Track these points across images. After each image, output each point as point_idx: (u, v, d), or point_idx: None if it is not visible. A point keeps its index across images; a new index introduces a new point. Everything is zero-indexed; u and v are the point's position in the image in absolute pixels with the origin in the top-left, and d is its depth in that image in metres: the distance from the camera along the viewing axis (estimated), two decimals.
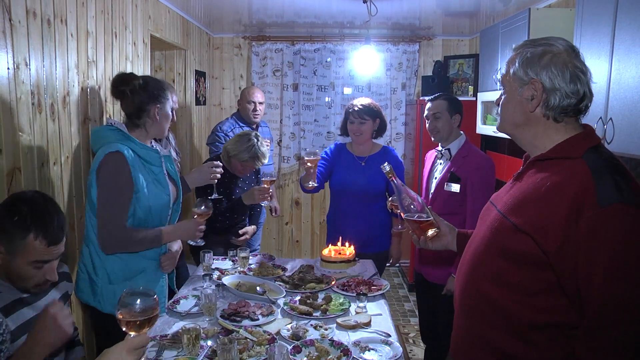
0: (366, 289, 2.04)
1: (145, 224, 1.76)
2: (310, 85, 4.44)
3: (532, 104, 1.09)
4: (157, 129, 1.82)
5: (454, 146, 2.31)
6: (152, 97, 1.77)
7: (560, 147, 1.08)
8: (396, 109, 4.39)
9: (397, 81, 4.37)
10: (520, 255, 1.04)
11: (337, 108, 4.46)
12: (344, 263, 2.34)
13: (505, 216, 1.09)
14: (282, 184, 4.62)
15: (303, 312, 1.81)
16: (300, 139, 4.51)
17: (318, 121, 4.51)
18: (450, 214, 2.17)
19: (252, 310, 1.79)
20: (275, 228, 4.74)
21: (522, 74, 1.09)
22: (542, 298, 1.03)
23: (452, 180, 2.25)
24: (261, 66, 4.40)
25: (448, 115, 2.31)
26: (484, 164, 2.23)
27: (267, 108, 4.44)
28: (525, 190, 1.08)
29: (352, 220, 2.58)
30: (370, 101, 2.56)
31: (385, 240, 2.62)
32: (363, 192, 2.54)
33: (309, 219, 4.73)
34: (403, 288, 4.23)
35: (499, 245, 1.09)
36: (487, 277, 1.11)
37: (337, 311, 1.84)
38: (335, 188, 2.63)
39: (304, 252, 4.72)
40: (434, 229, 1.40)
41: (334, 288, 2.07)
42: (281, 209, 4.68)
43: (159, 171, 1.81)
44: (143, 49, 2.81)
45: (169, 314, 1.82)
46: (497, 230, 1.10)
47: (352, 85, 4.46)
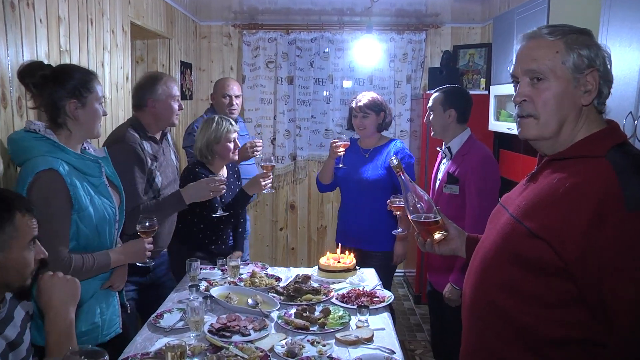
0: (368, 300, 2.04)
1: (93, 243, 1.69)
2: (307, 78, 4.44)
3: (585, 97, 1.07)
4: (85, 130, 1.67)
5: (455, 144, 2.33)
6: (66, 91, 1.62)
7: (580, 145, 1.07)
8: (400, 104, 4.39)
9: (401, 73, 4.38)
10: (535, 263, 1.03)
11: (336, 103, 4.46)
12: (344, 272, 2.34)
13: (519, 220, 1.08)
14: (277, 186, 4.62)
15: (299, 327, 1.80)
16: (296, 137, 4.51)
17: (315, 117, 4.51)
18: (454, 218, 2.15)
19: (243, 325, 1.78)
20: (269, 234, 4.73)
21: (579, 61, 1.06)
22: (561, 311, 1.02)
23: (451, 181, 2.26)
24: (253, 57, 4.40)
25: (441, 110, 2.34)
26: (480, 164, 2.23)
27: (260, 103, 4.44)
28: (541, 192, 1.07)
29: (355, 215, 2.70)
30: (374, 95, 2.71)
31: (392, 239, 2.67)
32: (364, 184, 2.65)
33: (306, 225, 4.72)
34: (409, 300, 4.23)
35: (511, 252, 1.08)
36: (499, 287, 1.11)
37: (336, 325, 1.83)
38: (338, 180, 2.80)
39: (300, 260, 4.71)
40: (442, 232, 1.40)
41: (333, 300, 2.07)
42: (275, 213, 4.69)
43: (99, 182, 1.71)
44: (122, 38, 2.80)
45: (151, 330, 1.82)
46: (509, 236, 1.10)
47: (352, 78, 4.46)
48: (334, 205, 4.62)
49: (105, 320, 1.75)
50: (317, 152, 4.55)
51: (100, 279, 1.75)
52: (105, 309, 1.76)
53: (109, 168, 1.81)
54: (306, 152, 4.55)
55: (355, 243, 2.69)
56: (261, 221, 4.69)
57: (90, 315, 1.71)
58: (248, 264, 2.60)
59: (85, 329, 1.68)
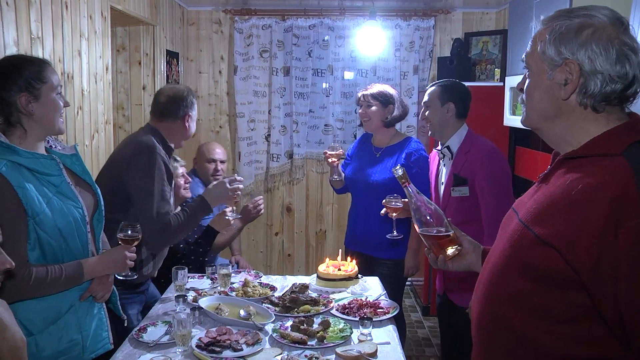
0: (371, 312, 2.04)
1: (61, 251, 1.64)
2: (305, 68, 4.43)
3: (565, 89, 1.08)
4: (42, 125, 1.63)
5: (454, 142, 2.32)
6: (14, 84, 1.58)
7: (596, 142, 1.07)
8: (407, 97, 4.39)
9: (408, 64, 4.37)
10: (545, 274, 1.03)
11: (337, 96, 4.46)
12: (345, 281, 2.34)
13: (527, 226, 1.07)
14: (271, 186, 4.62)
15: (296, 341, 1.80)
16: (293, 133, 4.51)
17: (314, 112, 4.51)
18: (465, 223, 2.16)
19: (234, 339, 1.78)
20: (263, 239, 4.73)
21: (554, 54, 1.08)
22: (575, 326, 1.02)
23: (458, 183, 2.25)
24: (245, 46, 4.40)
25: (438, 104, 2.34)
26: (487, 160, 2.22)
27: (253, 96, 4.44)
28: (552, 195, 1.06)
29: (364, 218, 2.71)
30: (385, 88, 2.75)
31: (404, 247, 2.67)
32: (372, 187, 2.65)
33: (303, 229, 4.72)
34: (416, 311, 4.22)
35: (520, 261, 1.08)
36: (508, 301, 1.10)
37: (336, 339, 1.83)
38: (347, 181, 2.84)
39: (297, 267, 4.72)
40: (455, 247, 1.40)
41: (333, 311, 2.07)
42: (270, 216, 4.68)
43: (60, 181, 1.66)
44: (101, 24, 2.79)
45: (133, 345, 1.81)
46: (518, 243, 1.09)
47: (354, 68, 4.46)
48: (334, 207, 4.62)
49: (88, 336, 1.71)
50: (315, 149, 4.54)
51: (80, 289, 1.70)
52: (86, 324, 1.71)
53: (79, 165, 1.77)
54: (304, 150, 4.54)
55: (363, 248, 2.71)
56: (254, 225, 4.68)
57: (68, 331, 1.65)
58: (240, 272, 2.59)
59: (63, 347, 1.63)
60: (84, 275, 1.67)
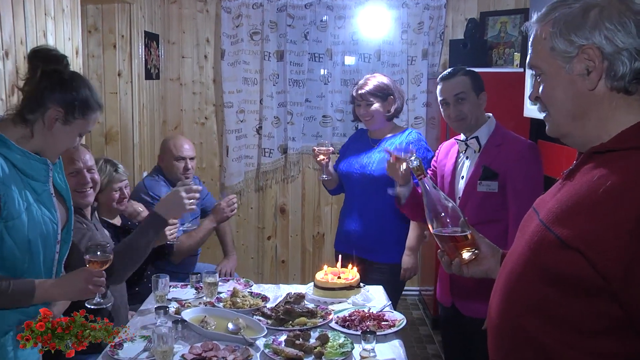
0: (375, 325, 2.04)
1: (23, 266, 1.61)
2: (300, 53, 4.43)
3: (590, 79, 1.08)
4: (46, 146, 1.65)
5: (483, 133, 2.32)
6: (62, 97, 1.63)
7: (627, 134, 1.07)
8: (415, 85, 4.39)
9: (416, 47, 4.37)
10: (569, 280, 1.03)
11: (336, 84, 4.46)
12: (346, 290, 2.34)
13: (548, 227, 1.07)
14: (263, 185, 4.63)
15: (290, 357, 1.80)
16: (287, 125, 4.51)
17: (310, 101, 4.51)
18: (487, 222, 2.18)
19: (222, 356, 1.78)
20: (254, 244, 4.73)
21: (566, 45, 1.08)
22: (603, 340, 1.01)
23: (487, 177, 2.25)
24: (234, 27, 4.39)
25: (474, 95, 2.33)
26: (528, 153, 2.24)
27: (243, 84, 4.43)
28: (576, 193, 1.06)
29: (359, 216, 2.73)
30: (379, 80, 2.75)
31: (403, 248, 2.68)
32: (369, 180, 2.68)
33: (299, 232, 4.72)
34: (425, 324, 4.23)
35: (540, 266, 1.08)
36: (527, 310, 1.10)
37: (336, 355, 1.83)
38: (341, 176, 2.87)
39: (292, 275, 4.72)
40: (472, 250, 1.40)
41: (332, 324, 2.08)
42: (262, 218, 4.68)
43: (43, 189, 1.66)
44: (70, 1, 2.78)
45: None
46: (538, 246, 1.09)
47: (355, 53, 4.45)
48: (334, 208, 4.62)
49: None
50: (312, 143, 4.48)
51: (25, 314, 1.61)
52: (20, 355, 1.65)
53: (60, 176, 1.77)
54: (299, 144, 4.54)
55: (356, 251, 2.70)
56: (244, 228, 4.69)
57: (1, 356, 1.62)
58: (228, 280, 2.59)
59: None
60: (35, 296, 1.59)
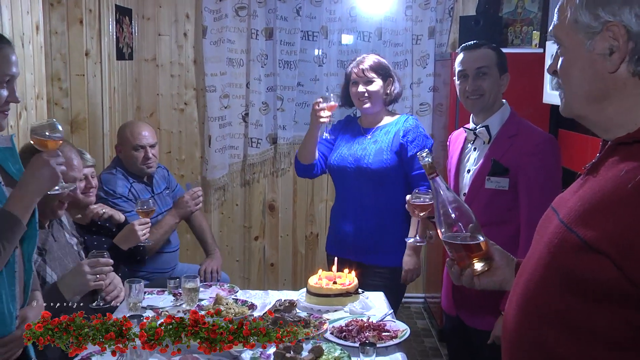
0: (375, 336, 2.04)
1: None
2: (292, 31, 4.41)
3: (611, 60, 1.08)
4: None
5: (495, 122, 2.31)
6: None
7: None
8: (420, 67, 4.39)
9: (422, 25, 4.37)
10: (594, 287, 1.03)
11: (332, 66, 4.45)
12: (342, 297, 2.35)
13: (570, 227, 1.08)
14: (250, 179, 4.63)
15: None
16: (277, 112, 4.50)
17: (303, 85, 4.50)
18: (495, 224, 2.19)
19: None
20: (239, 245, 4.73)
21: (590, 19, 1.09)
22: (633, 354, 1.02)
23: (496, 172, 2.25)
24: (217, 1, 4.38)
25: (497, 73, 2.32)
26: (544, 147, 2.24)
27: (227, 65, 4.41)
28: (601, 189, 1.07)
29: (355, 215, 2.72)
30: (377, 57, 2.77)
31: (403, 250, 2.69)
32: (365, 175, 2.68)
33: (290, 231, 4.72)
34: (431, 336, 4.24)
35: (562, 271, 1.08)
36: (547, 320, 1.11)
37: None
38: (331, 169, 2.88)
39: (282, 280, 4.73)
40: (485, 261, 1.40)
41: (327, 335, 2.08)
42: (248, 216, 4.68)
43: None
44: None
45: None
46: (559, 249, 1.09)
47: (353, 31, 4.45)
48: (329, 205, 4.59)
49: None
50: (305, 132, 4.47)
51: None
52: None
53: (14, 162, 1.76)
54: (290, 133, 4.54)
55: (351, 254, 2.71)
56: (229, 227, 4.68)
57: None
58: (210, 286, 2.59)
59: None
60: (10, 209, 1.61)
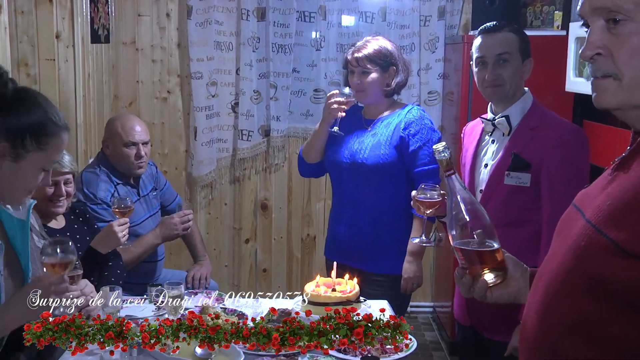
0: (378, 349, 2.04)
1: None
2: (286, 11, 4.41)
3: None
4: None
5: (515, 112, 2.32)
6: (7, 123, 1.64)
7: None
8: (429, 52, 4.41)
9: (431, 4, 4.38)
10: (625, 294, 1.04)
11: (331, 50, 4.45)
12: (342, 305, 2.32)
13: (598, 229, 1.08)
14: (240, 175, 4.63)
15: None
16: (270, 102, 4.50)
17: (299, 72, 4.51)
18: (514, 225, 2.20)
19: None
20: (229, 248, 4.74)
21: None
22: None
23: (517, 167, 2.26)
24: None
25: (519, 59, 2.33)
26: (569, 139, 2.25)
27: (215, 49, 4.42)
28: (634, 186, 1.07)
29: (350, 217, 2.75)
30: (382, 44, 2.75)
31: (404, 256, 2.70)
32: (362, 171, 2.69)
33: (284, 233, 4.73)
34: (440, 349, 4.26)
35: (588, 277, 1.08)
36: (568, 330, 1.11)
37: None
38: (327, 165, 2.90)
39: (275, 286, 4.73)
40: (499, 272, 1.40)
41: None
42: (239, 217, 4.69)
43: None
44: None
45: None
46: (585, 252, 1.10)
47: (354, 11, 4.46)
48: (327, 204, 4.61)
49: None
50: (301, 124, 4.56)
51: None
52: None
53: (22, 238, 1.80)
54: (285, 125, 4.54)
55: (350, 260, 2.72)
56: (217, 229, 4.69)
57: None
58: (196, 294, 2.58)
59: None
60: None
